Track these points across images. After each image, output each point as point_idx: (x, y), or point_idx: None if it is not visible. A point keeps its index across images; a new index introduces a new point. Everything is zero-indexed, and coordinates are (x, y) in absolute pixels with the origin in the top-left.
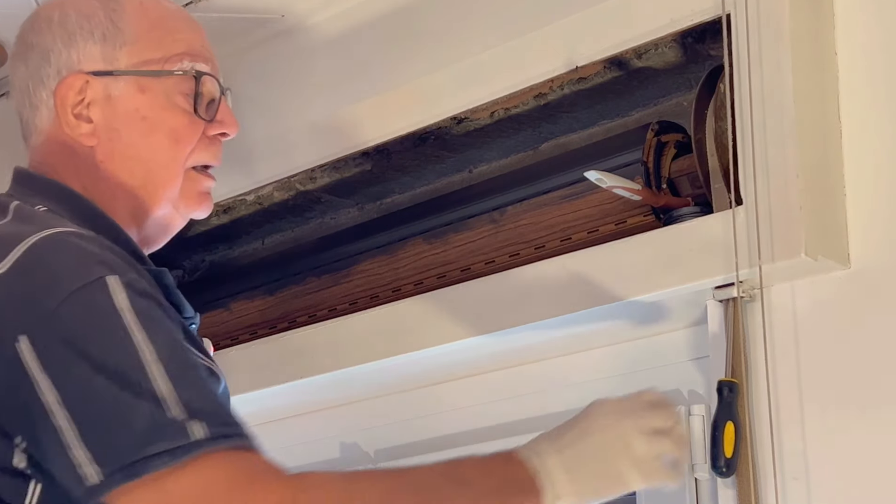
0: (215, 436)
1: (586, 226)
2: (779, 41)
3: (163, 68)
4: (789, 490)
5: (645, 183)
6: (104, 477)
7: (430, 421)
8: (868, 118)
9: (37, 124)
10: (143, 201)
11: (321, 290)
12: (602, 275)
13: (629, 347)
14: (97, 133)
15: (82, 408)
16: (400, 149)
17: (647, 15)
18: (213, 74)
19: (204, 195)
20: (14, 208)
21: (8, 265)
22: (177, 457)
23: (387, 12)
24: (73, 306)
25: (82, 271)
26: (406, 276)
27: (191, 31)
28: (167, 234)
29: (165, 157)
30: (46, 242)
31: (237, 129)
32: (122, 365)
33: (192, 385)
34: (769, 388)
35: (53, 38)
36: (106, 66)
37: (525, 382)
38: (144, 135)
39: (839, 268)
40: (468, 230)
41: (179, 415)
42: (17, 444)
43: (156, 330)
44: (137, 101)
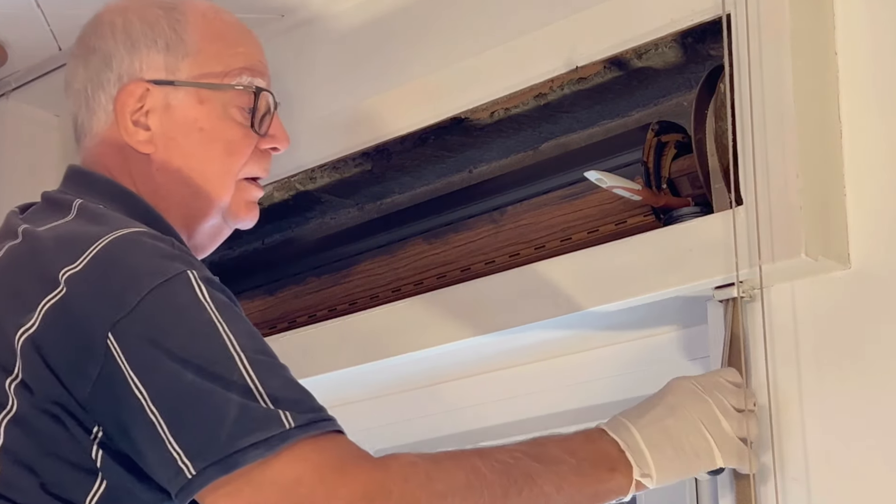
0: (305, 423)
1: (586, 226)
2: (779, 41)
3: (222, 81)
4: (789, 490)
5: (645, 183)
6: (198, 471)
7: (431, 421)
8: (868, 118)
9: (93, 127)
10: (195, 210)
11: (321, 290)
12: (602, 275)
13: (629, 347)
14: (154, 141)
15: (172, 403)
16: (400, 149)
17: (647, 15)
18: (269, 90)
19: (252, 205)
20: (78, 206)
21: (83, 262)
22: (272, 447)
23: (387, 12)
24: (157, 300)
25: (162, 267)
26: (406, 276)
27: (250, 44)
28: (215, 243)
29: (220, 169)
30: (122, 241)
31: (288, 143)
32: (209, 357)
33: (276, 374)
34: (769, 388)
35: (116, 43)
36: (167, 75)
37: (525, 382)
38: (200, 145)
39: (839, 268)
40: (468, 230)
41: (269, 404)
42: (96, 436)
43: (237, 322)
44: (196, 111)
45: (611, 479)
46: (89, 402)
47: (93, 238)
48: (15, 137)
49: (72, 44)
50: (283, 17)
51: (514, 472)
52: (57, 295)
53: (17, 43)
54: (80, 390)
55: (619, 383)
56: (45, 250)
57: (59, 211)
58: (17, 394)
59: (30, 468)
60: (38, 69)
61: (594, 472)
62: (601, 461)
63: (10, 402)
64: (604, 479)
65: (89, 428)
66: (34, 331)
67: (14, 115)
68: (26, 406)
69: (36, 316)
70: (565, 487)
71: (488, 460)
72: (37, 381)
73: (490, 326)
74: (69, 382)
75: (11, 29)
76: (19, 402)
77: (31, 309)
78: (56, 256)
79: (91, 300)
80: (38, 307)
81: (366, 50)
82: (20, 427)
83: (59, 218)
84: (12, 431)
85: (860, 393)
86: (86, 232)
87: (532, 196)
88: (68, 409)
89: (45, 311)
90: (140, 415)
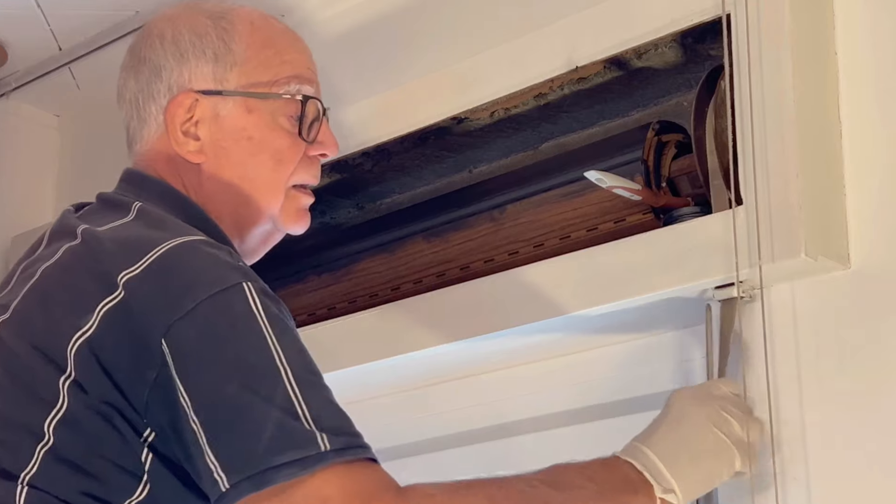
0: (340, 447)
1: (585, 224)
2: (779, 41)
3: (270, 90)
4: (789, 490)
5: (645, 182)
6: (231, 485)
7: (430, 421)
8: (868, 118)
9: (144, 136)
10: (245, 217)
11: (320, 288)
12: (602, 275)
13: (629, 347)
14: (204, 150)
15: (212, 413)
16: (400, 149)
17: (647, 15)
18: (317, 97)
19: (303, 212)
20: (138, 209)
21: (142, 266)
22: (306, 467)
23: (387, 13)
24: (212, 308)
25: (220, 276)
26: (406, 275)
27: (297, 51)
28: (265, 249)
29: (270, 177)
30: (182, 248)
31: (337, 150)
32: (255, 370)
33: (319, 395)
34: (769, 388)
35: (165, 54)
36: (216, 85)
37: (525, 383)
38: (250, 154)
39: (839, 268)
40: (468, 228)
41: (308, 424)
42: (146, 439)
43: (288, 337)
44: (245, 121)
45: (633, 500)
46: (146, 405)
47: (153, 243)
48: (15, 137)
49: (72, 44)
50: (283, 17)
51: (532, 501)
52: (116, 298)
53: (17, 43)
54: (136, 394)
55: (619, 383)
56: (105, 253)
57: (118, 212)
58: (69, 392)
59: (76, 467)
60: (38, 69)
61: (616, 497)
62: (622, 485)
63: (62, 401)
64: (624, 503)
65: (141, 431)
66: (91, 334)
67: (14, 115)
68: (79, 405)
69: (94, 318)
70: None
71: (505, 490)
72: (91, 383)
73: (490, 326)
74: (125, 386)
75: (11, 29)
76: (71, 401)
77: (89, 310)
78: (116, 259)
79: (149, 304)
80: (97, 309)
81: (366, 50)
82: (69, 427)
83: (118, 218)
84: (61, 431)
85: (860, 392)
86: (146, 236)
87: (532, 195)
88: (121, 410)
89: (102, 314)
90: (186, 421)
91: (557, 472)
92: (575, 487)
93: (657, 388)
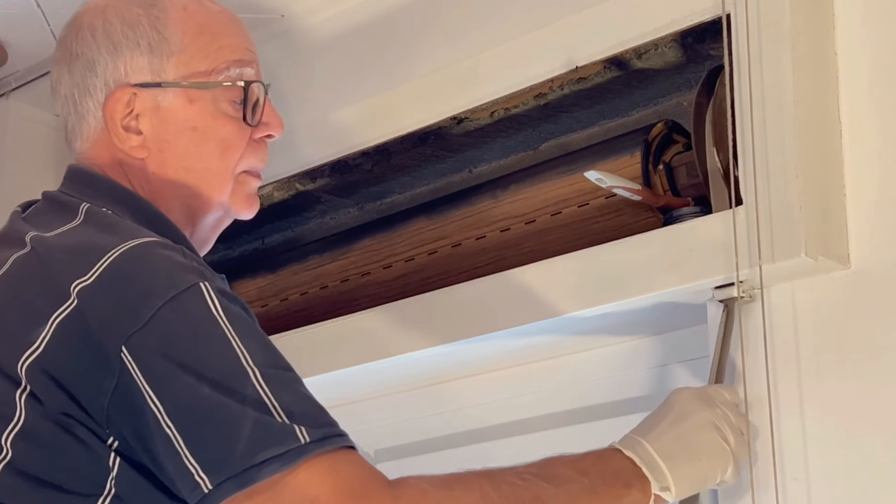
0: (320, 437)
1: (577, 199)
2: (779, 41)
3: (210, 79)
4: (789, 490)
5: (643, 158)
6: (214, 486)
7: (431, 421)
8: (868, 118)
9: (83, 132)
10: (195, 208)
11: (314, 267)
12: (602, 275)
13: (629, 347)
14: (146, 145)
15: (187, 417)
16: (400, 149)
17: (647, 15)
18: (258, 79)
19: (252, 197)
20: (86, 211)
21: (95, 275)
22: (287, 462)
23: (386, 12)
24: (170, 313)
25: (175, 279)
26: (400, 252)
27: (235, 34)
28: (216, 235)
29: (217, 166)
30: (134, 252)
31: (282, 128)
32: (223, 371)
33: (289, 389)
34: (769, 388)
35: (98, 48)
36: (153, 77)
37: (525, 383)
38: (195, 145)
39: (839, 268)
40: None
41: (284, 419)
42: (111, 445)
43: (251, 335)
44: (187, 112)
45: (626, 495)
46: (106, 415)
47: (104, 249)
48: (15, 137)
49: None
50: (284, 17)
51: (524, 496)
52: (68, 308)
53: (17, 43)
54: (94, 404)
55: (619, 383)
56: (56, 262)
57: (65, 214)
58: (26, 406)
59: (36, 480)
60: (38, 69)
61: (608, 490)
62: (615, 478)
63: (19, 415)
64: (619, 496)
65: (104, 439)
66: (43, 347)
67: (14, 115)
68: (36, 417)
69: (46, 330)
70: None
71: (497, 483)
72: (47, 396)
73: (490, 327)
74: (82, 397)
75: (11, 29)
76: (28, 414)
77: (40, 323)
78: (67, 269)
79: (104, 313)
80: (49, 321)
81: (366, 50)
82: (28, 440)
83: (66, 222)
84: (20, 445)
85: (860, 392)
86: (97, 242)
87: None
88: (81, 421)
89: (55, 325)
90: (157, 428)
91: (550, 465)
92: (567, 481)
93: (657, 389)
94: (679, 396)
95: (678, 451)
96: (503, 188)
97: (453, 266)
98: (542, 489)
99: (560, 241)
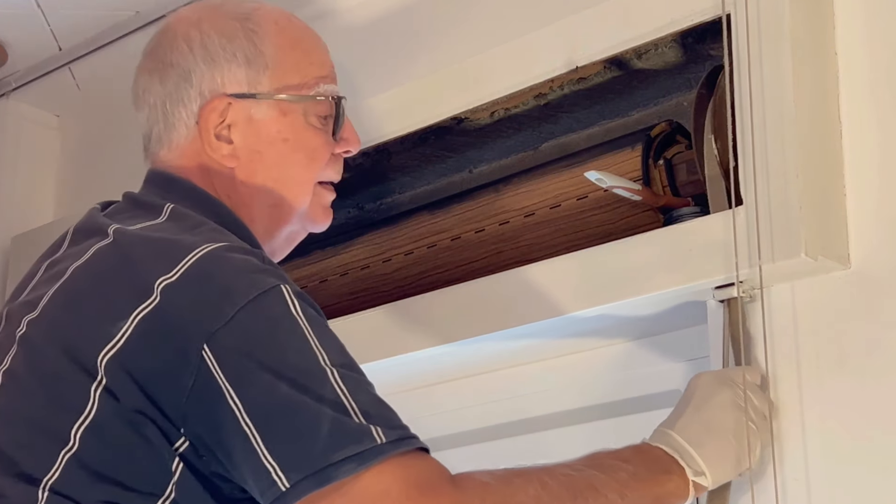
0: (395, 438)
1: (576, 192)
2: (779, 41)
3: (301, 92)
4: (789, 490)
5: (643, 150)
6: (292, 485)
7: (431, 421)
8: (868, 118)
9: (172, 140)
10: (276, 218)
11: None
12: (602, 275)
13: (629, 347)
14: (237, 154)
15: (266, 415)
16: (400, 149)
17: (647, 15)
18: (343, 95)
19: (328, 209)
20: (170, 210)
21: (179, 273)
22: (364, 461)
23: (386, 12)
24: (252, 312)
25: (257, 281)
26: (399, 246)
27: (322, 49)
28: (290, 248)
29: (302, 177)
30: (217, 253)
31: (360, 145)
32: (303, 371)
33: (364, 390)
34: (769, 388)
35: (195, 59)
36: (249, 89)
37: (525, 383)
38: (285, 156)
39: (839, 268)
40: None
41: (361, 419)
42: (178, 448)
43: (328, 337)
44: (279, 123)
45: (668, 480)
46: (183, 414)
47: (188, 248)
48: (15, 137)
49: (72, 44)
50: None
51: (579, 483)
52: (151, 304)
53: (17, 43)
54: (172, 403)
55: (619, 383)
56: (139, 256)
57: (149, 212)
58: (100, 400)
59: (99, 475)
60: (38, 69)
61: (652, 477)
62: (655, 466)
63: (91, 408)
64: (662, 482)
65: (173, 440)
66: (124, 342)
67: (14, 115)
68: (108, 413)
69: (128, 325)
70: (628, 494)
71: (553, 474)
72: (123, 391)
73: (490, 326)
74: (160, 395)
75: (11, 29)
76: (100, 409)
77: (122, 317)
78: (151, 264)
79: (186, 311)
80: (131, 316)
81: (365, 50)
82: (96, 434)
83: (150, 219)
84: (88, 438)
85: (860, 392)
86: (181, 240)
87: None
88: (153, 419)
89: (137, 321)
90: (234, 426)
91: (595, 457)
92: (615, 469)
93: (658, 389)
94: (699, 382)
95: (706, 436)
96: (505, 182)
97: (451, 259)
98: (595, 477)
99: (558, 234)
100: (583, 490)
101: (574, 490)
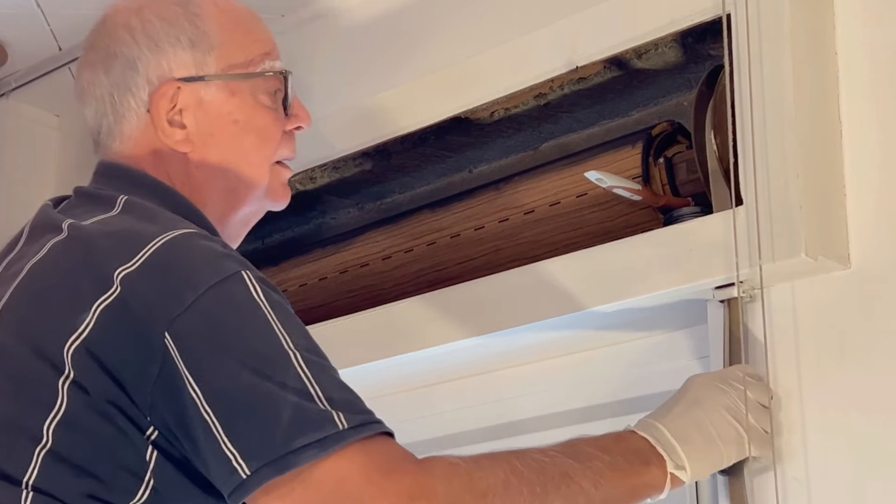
0: (357, 423)
1: (576, 189)
2: (779, 41)
3: (248, 70)
4: (789, 490)
5: (644, 147)
6: (252, 472)
7: (430, 421)
8: (868, 118)
9: (124, 130)
10: (233, 200)
11: (315, 260)
12: (602, 275)
13: (629, 347)
14: (191, 139)
15: (226, 403)
16: (400, 149)
17: (647, 15)
18: (290, 70)
19: (286, 187)
20: (124, 202)
21: (139, 262)
22: (325, 447)
23: (386, 13)
24: (214, 298)
25: (218, 267)
26: (399, 243)
27: (263, 28)
28: (246, 230)
29: (257, 157)
30: (177, 241)
31: (310, 121)
32: (265, 356)
33: (328, 375)
34: (769, 388)
35: (139, 46)
36: (197, 71)
37: (525, 382)
38: (237, 137)
39: (839, 268)
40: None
41: (323, 404)
42: (149, 437)
43: (292, 322)
44: (229, 104)
45: (646, 472)
46: (150, 402)
47: (148, 237)
48: (15, 137)
49: (72, 44)
50: (284, 16)
51: (551, 470)
52: (112, 295)
53: (17, 43)
54: (139, 391)
55: (619, 383)
56: (98, 248)
57: (102, 205)
58: (69, 393)
59: (77, 468)
60: (38, 69)
61: (629, 467)
62: (634, 456)
63: (61, 403)
64: (639, 473)
65: (144, 429)
66: (87, 334)
67: (14, 115)
68: (79, 406)
69: (90, 316)
70: (602, 483)
71: (525, 459)
72: (92, 383)
73: (490, 326)
74: (128, 384)
75: (11, 29)
76: (71, 402)
77: (84, 309)
78: (109, 254)
79: (147, 300)
80: (92, 308)
81: (365, 50)
82: (69, 428)
83: (103, 212)
84: (60, 433)
85: (860, 392)
86: (140, 230)
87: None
88: (123, 409)
89: (99, 312)
90: (195, 414)
91: (572, 444)
92: (591, 458)
93: (659, 388)
94: (694, 382)
95: (693, 434)
96: (505, 181)
97: (451, 257)
98: (568, 465)
99: (557, 232)
100: (554, 477)
101: (545, 476)
